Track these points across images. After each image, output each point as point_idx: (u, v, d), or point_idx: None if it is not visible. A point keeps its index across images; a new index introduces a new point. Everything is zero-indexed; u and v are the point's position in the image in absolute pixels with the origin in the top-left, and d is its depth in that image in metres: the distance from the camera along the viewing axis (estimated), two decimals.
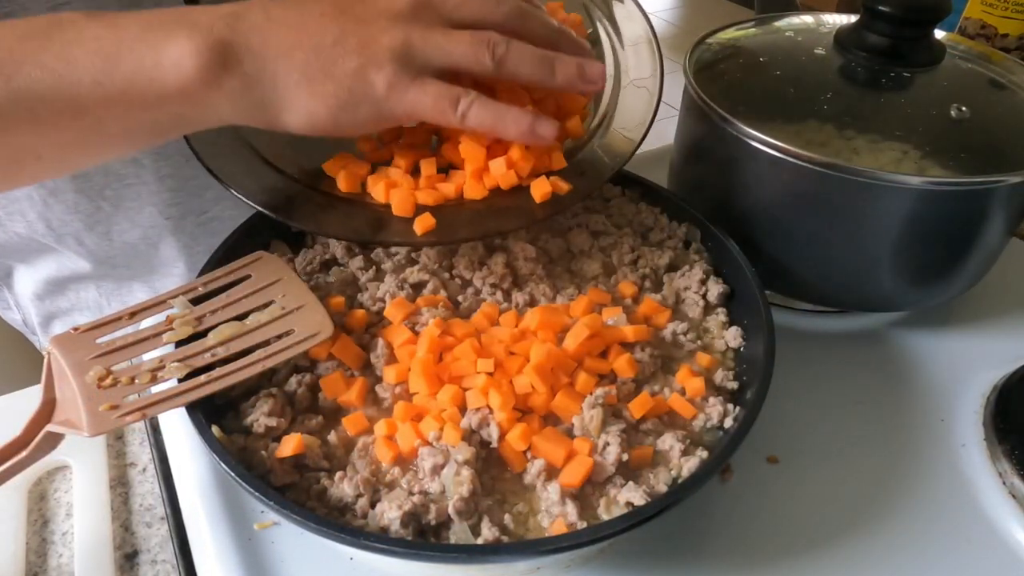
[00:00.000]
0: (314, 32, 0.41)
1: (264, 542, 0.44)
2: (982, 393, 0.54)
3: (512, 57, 0.43)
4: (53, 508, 0.49)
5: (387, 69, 0.41)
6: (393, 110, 0.42)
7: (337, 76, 0.41)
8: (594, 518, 0.39)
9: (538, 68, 0.45)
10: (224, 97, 0.40)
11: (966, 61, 0.61)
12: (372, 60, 0.41)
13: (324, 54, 0.41)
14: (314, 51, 0.41)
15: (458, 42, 0.43)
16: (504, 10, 0.44)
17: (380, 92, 0.41)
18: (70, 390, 0.40)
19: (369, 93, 0.42)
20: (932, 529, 0.46)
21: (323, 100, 0.41)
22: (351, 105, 0.42)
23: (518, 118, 0.45)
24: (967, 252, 0.54)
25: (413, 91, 0.42)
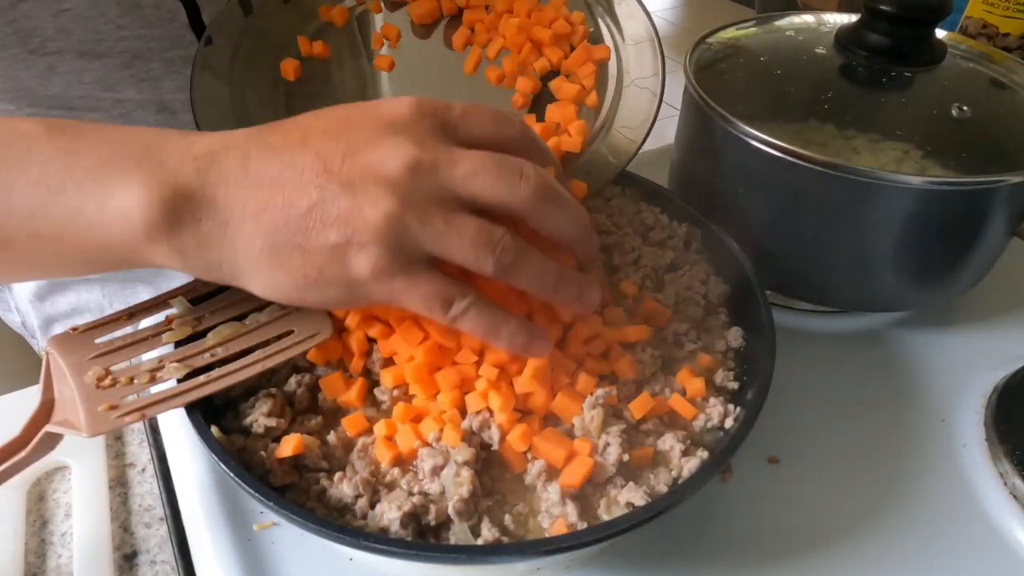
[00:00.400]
0: (290, 193, 0.35)
1: (263, 543, 0.44)
2: (983, 393, 0.54)
3: (517, 269, 0.37)
4: (52, 509, 0.49)
5: (371, 253, 0.35)
6: (370, 296, 0.36)
7: (308, 250, 0.35)
8: (594, 519, 0.39)
9: (539, 284, 0.39)
10: (173, 254, 0.36)
11: (967, 60, 0.61)
12: (354, 239, 0.35)
13: (296, 223, 0.35)
14: (284, 217, 0.35)
15: (460, 234, 0.35)
16: (524, 195, 0.37)
17: (358, 276, 0.35)
18: (69, 390, 0.40)
19: (344, 276, 0.35)
20: (932, 530, 0.46)
21: (288, 274, 0.36)
22: (320, 285, 0.36)
23: (513, 334, 0.39)
24: (968, 252, 0.54)
25: (399, 282, 0.36)
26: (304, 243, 0.35)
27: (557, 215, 0.38)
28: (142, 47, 0.63)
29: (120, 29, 0.61)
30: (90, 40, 0.60)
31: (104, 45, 0.61)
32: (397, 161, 0.35)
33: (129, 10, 0.61)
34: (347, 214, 0.34)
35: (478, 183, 0.36)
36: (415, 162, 0.35)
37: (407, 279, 0.36)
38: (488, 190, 0.36)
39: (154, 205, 0.34)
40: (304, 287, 0.36)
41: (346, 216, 0.34)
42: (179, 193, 0.35)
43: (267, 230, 0.35)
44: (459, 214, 0.36)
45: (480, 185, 0.36)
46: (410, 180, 0.35)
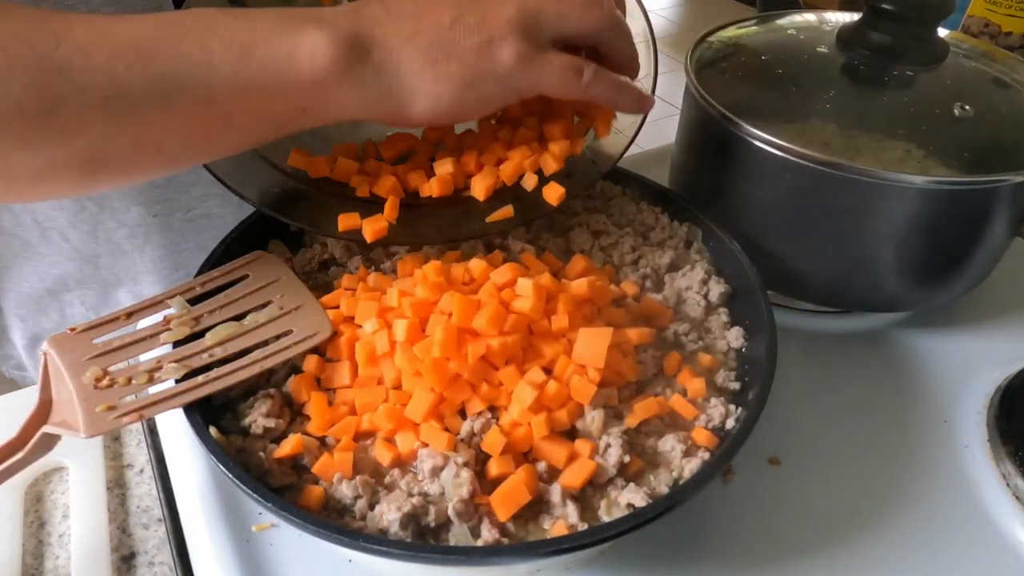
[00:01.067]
0: (432, 17, 0.42)
1: (262, 544, 0.44)
2: (985, 394, 0.54)
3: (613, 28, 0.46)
4: (50, 510, 0.49)
5: (511, 42, 0.42)
6: (518, 84, 0.43)
7: (461, 55, 0.42)
8: (595, 520, 0.39)
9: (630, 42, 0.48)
10: (354, 87, 0.41)
11: (969, 59, 0.61)
12: (495, 35, 0.42)
13: (445, 36, 0.42)
14: (435, 34, 0.42)
15: (570, 5, 0.44)
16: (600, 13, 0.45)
17: (506, 66, 0.42)
18: (67, 391, 0.40)
19: (495, 68, 0.42)
20: (935, 531, 0.46)
21: (448, 81, 0.42)
22: (477, 82, 0.42)
23: (631, 91, 0.48)
24: (970, 252, 0.54)
25: (538, 63, 0.43)
26: (455, 49, 0.42)
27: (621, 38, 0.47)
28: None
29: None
30: None
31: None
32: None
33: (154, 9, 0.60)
34: (483, 19, 0.42)
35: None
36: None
37: (544, 60, 0.43)
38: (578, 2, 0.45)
39: (335, 44, 0.40)
40: (464, 89, 0.42)
41: (483, 20, 0.42)
42: (349, 34, 0.41)
43: (424, 48, 0.41)
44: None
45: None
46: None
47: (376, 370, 0.44)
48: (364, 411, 0.43)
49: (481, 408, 0.42)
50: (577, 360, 0.43)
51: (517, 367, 0.43)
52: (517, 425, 0.41)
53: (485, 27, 0.42)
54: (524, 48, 0.42)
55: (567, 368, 0.43)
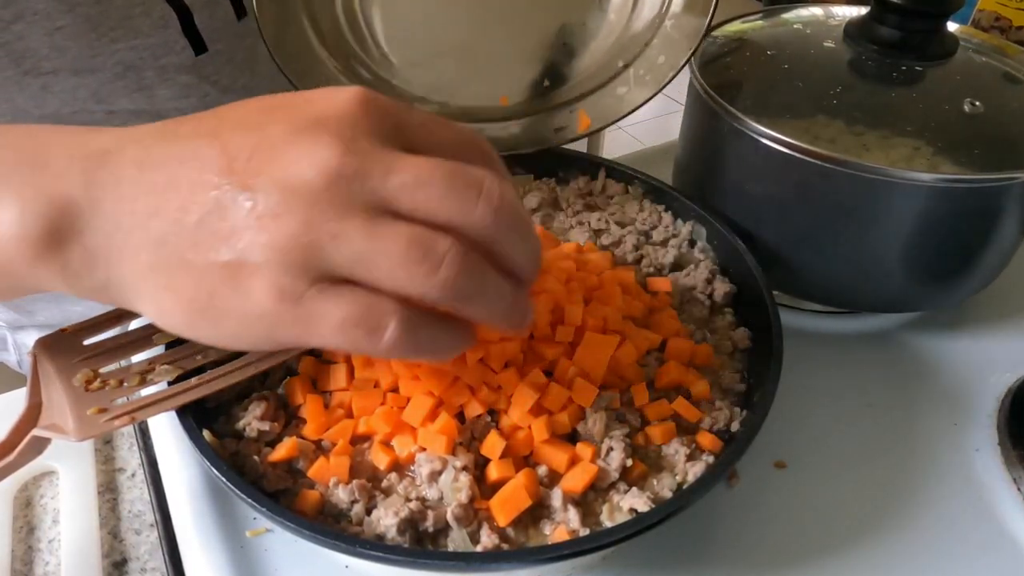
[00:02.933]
0: (187, 194, 0.29)
1: (257, 549, 0.44)
2: (996, 396, 0.54)
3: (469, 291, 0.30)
4: (39, 515, 0.49)
5: (265, 276, 0.29)
6: (274, 334, 0.30)
7: (198, 269, 0.29)
8: (597, 525, 0.39)
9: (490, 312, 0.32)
10: (57, 276, 0.31)
11: (980, 54, 0.61)
12: (247, 258, 0.29)
13: (187, 232, 0.29)
14: (177, 224, 0.29)
15: (388, 250, 0.29)
16: (482, 214, 0.30)
17: (254, 307, 0.29)
18: (57, 393, 0.40)
19: (238, 305, 0.29)
20: (944, 536, 0.46)
21: (175, 297, 0.30)
22: (211, 315, 0.30)
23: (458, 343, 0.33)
24: (981, 251, 0.54)
25: (306, 310, 0.29)
26: (194, 259, 0.29)
27: (518, 247, 0.31)
28: (134, 57, 0.63)
29: (113, 42, 0.61)
30: (85, 56, 0.60)
31: (98, 60, 0.61)
32: (313, 162, 0.29)
33: (121, 22, 0.61)
34: (242, 226, 0.29)
35: (420, 196, 0.29)
36: (335, 166, 0.29)
37: (316, 305, 0.29)
38: (432, 205, 0.29)
39: (29, 220, 0.30)
40: (193, 315, 0.30)
41: (241, 229, 0.29)
42: (58, 203, 0.30)
43: (155, 241, 0.30)
44: (385, 223, 0.29)
45: (423, 198, 0.29)
46: (324, 187, 0.28)
47: (372, 372, 0.44)
48: (361, 414, 0.43)
49: (480, 411, 0.42)
50: (578, 364, 0.43)
51: (517, 370, 0.43)
52: (517, 428, 0.41)
53: (239, 242, 0.29)
54: (286, 286, 0.29)
55: (568, 370, 0.43)
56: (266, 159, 0.29)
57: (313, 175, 0.28)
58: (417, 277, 0.29)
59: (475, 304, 0.31)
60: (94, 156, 0.31)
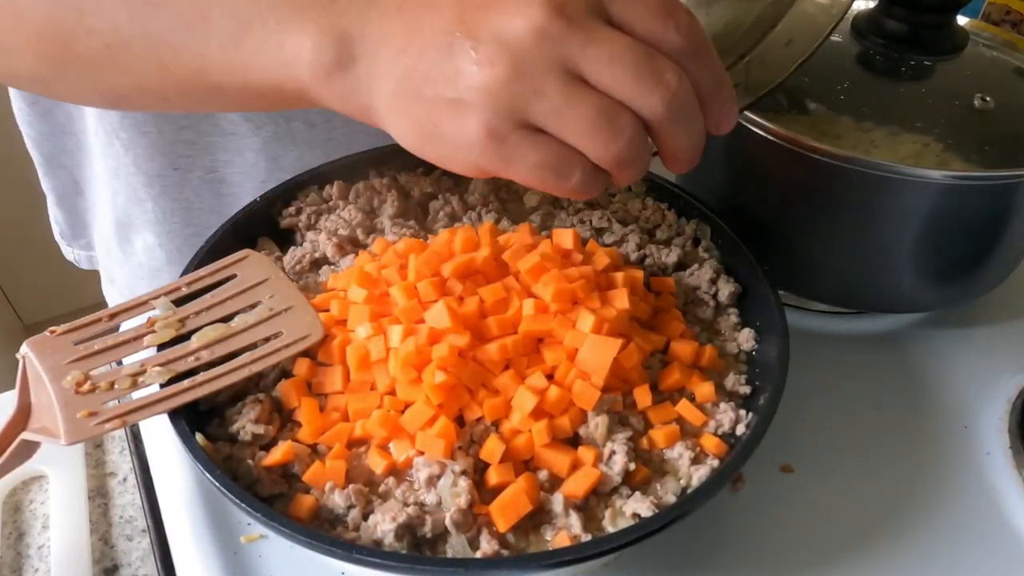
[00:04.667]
0: (428, 36, 0.35)
1: (251, 556, 0.44)
2: (1008, 398, 0.54)
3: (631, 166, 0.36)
4: (29, 520, 0.49)
5: (479, 114, 0.34)
6: (479, 162, 0.36)
7: (428, 101, 0.35)
8: (599, 530, 0.39)
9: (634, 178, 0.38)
10: (335, 93, 0.38)
11: (990, 49, 0.61)
12: (466, 97, 0.34)
13: (423, 68, 0.35)
14: (417, 61, 0.35)
15: (578, 114, 0.34)
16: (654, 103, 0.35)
17: (468, 138, 0.35)
18: (46, 396, 0.40)
19: (456, 135, 0.35)
20: (955, 541, 0.46)
21: (410, 124, 0.37)
22: (436, 140, 0.36)
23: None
24: (991, 249, 0.54)
25: (509, 149, 0.35)
26: (426, 92, 0.35)
27: (680, 137, 0.37)
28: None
29: None
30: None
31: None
32: (526, 21, 0.33)
33: None
34: (464, 70, 0.34)
35: (608, 72, 0.34)
36: (543, 26, 0.33)
37: (517, 147, 0.35)
38: (617, 83, 0.34)
39: (322, 47, 0.37)
40: (423, 139, 0.37)
41: (463, 72, 0.34)
42: (342, 35, 0.37)
43: (400, 73, 0.36)
44: (580, 88, 0.34)
45: (611, 74, 0.34)
46: (533, 45, 0.33)
47: (369, 375, 0.44)
48: (357, 417, 0.43)
49: (480, 415, 0.42)
50: (580, 367, 0.43)
51: (517, 372, 0.43)
52: (517, 432, 0.41)
53: (461, 83, 0.34)
54: (491, 128, 0.34)
55: (569, 373, 0.43)
56: (492, 12, 0.34)
57: (525, 32, 0.33)
58: (598, 142, 0.35)
59: (630, 171, 0.37)
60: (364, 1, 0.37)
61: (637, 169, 0.37)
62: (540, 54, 0.34)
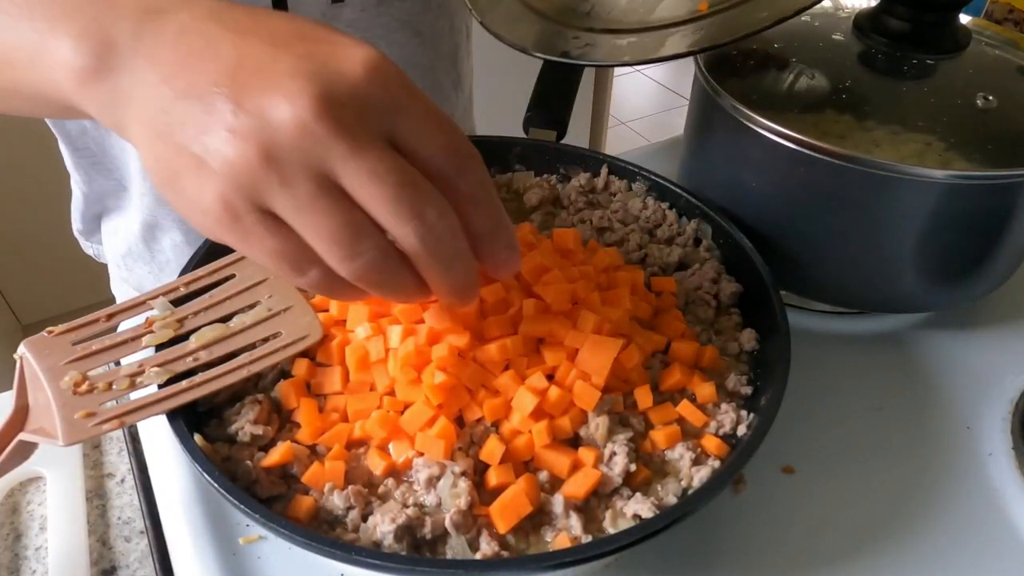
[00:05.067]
0: (197, 75, 0.33)
1: (250, 557, 0.44)
2: (1010, 399, 0.54)
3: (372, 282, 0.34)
4: (26, 522, 0.49)
5: (217, 184, 0.32)
6: (215, 232, 0.34)
7: (175, 146, 0.33)
8: (599, 531, 0.39)
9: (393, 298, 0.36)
10: (91, 104, 0.36)
11: (993, 47, 0.61)
12: (209, 161, 0.32)
13: (180, 110, 0.33)
14: (176, 99, 0.33)
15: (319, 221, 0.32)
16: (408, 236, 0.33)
17: (204, 203, 0.33)
18: (44, 397, 0.40)
19: (193, 195, 0.33)
20: (957, 543, 0.46)
21: (155, 161, 0.34)
22: (175, 190, 0.34)
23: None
24: (994, 249, 0.54)
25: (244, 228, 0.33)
26: (175, 137, 0.33)
27: (437, 275, 0.35)
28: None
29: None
30: None
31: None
32: (291, 111, 0.31)
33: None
34: (216, 132, 0.32)
35: (366, 190, 0.32)
36: (307, 123, 0.31)
37: (253, 229, 0.33)
38: (374, 204, 0.32)
39: (79, 53, 0.35)
40: (163, 182, 0.34)
41: (215, 134, 0.32)
42: (106, 42, 0.35)
43: (157, 105, 0.33)
44: (329, 196, 0.32)
45: (368, 193, 0.32)
46: (292, 137, 0.31)
47: (368, 375, 0.44)
48: (356, 418, 0.43)
49: (480, 415, 0.42)
50: (581, 367, 0.43)
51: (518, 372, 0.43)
52: (517, 433, 0.41)
53: (210, 143, 0.32)
54: (232, 202, 0.32)
55: (570, 373, 0.43)
56: (264, 85, 0.32)
57: (288, 121, 0.31)
58: (333, 256, 0.33)
59: (381, 291, 0.35)
60: (151, 11, 0.35)
61: (391, 289, 0.35)
62: (297, 148, 0.31)
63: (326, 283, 0.34)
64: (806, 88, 0.57)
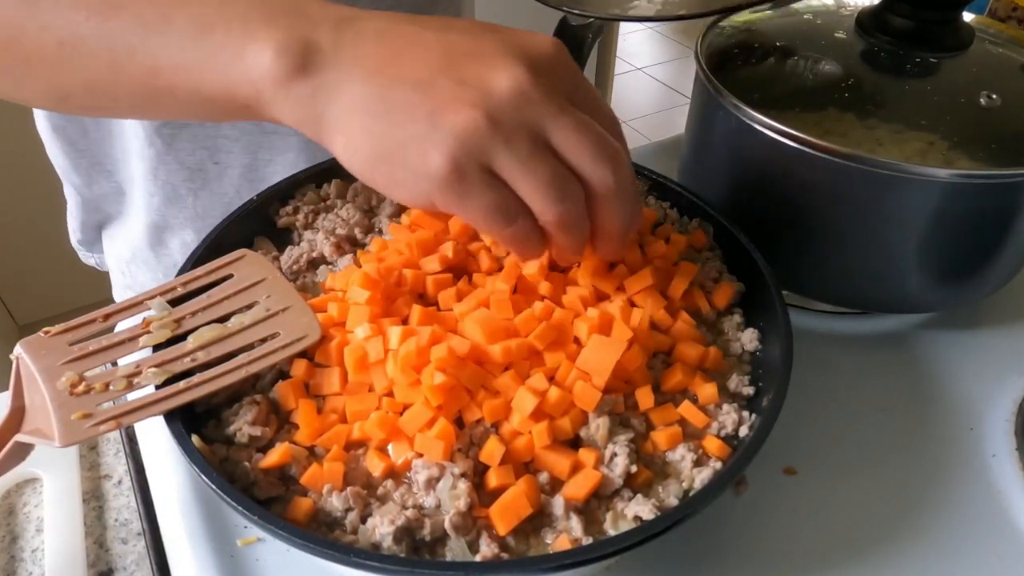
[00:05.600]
0: (408, 65, 0.38)
1: (248, 559, 0.44)
2: (1014, 400, 0.54)
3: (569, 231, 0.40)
4: (22, 523, 0.49)
5: (445, 149, 0.36)
6: (432, 195, 0.38)
7: (396, 124, 0.37)
8: (600, 533, 0.39)
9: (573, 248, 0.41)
10: (288, 101, 0.39)
11: (997, 45, 0.61)
12: (437, 131, 0.37)
13: (398, 93, 0.37)
14: (392, 85, 0.37)
15: (536, 172, 0.38)
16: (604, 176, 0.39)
17: (428, 170, 0.37)
18: (40, 397, 0.40)
19: (415, 165, 0.37)
20: (960, 545, 0.46)
21: (368, 142, 0.38)
22: (393, 163, 0.38)
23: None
24: (998, 249, 0.54)
25: (464, 187, 0.37)
26: (396, 116, 0.37)
27: (618, 213, 0.41)
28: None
29: None
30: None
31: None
32: (511, 79, 0.37)
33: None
34: (442, 106, 0.37)
35: (572, 140, 0.38)
36: (526, 89, 0.37)
37: (474, 186, 0.37)
38: (579, 152, 0.38)
39: (282, 52, 0.38)
40: (378, 158, 0.38)
41: (441, 107, 0.37)
42: (310, 45, 0.38)
43: (371, 92, 0.38)
44: (543, 151, 0.38)
45: (574, 143, 0.38)
46: (513, 100, 0.37)
47: (367, 376, 0.44)
48: (355, 419, 0.43)
49: (479, 416, 0.42)
50: (582, 367, 0.43)
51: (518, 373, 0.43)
52: (517, 434, 0.41)
53: (436, 117, 0.37)
54: (461, 162, 0.36)
55: (570, 373, 0.43)
56: (480, 63, 0.38)
57: (508, 88, 0.37)
58: (548, 200, 0.38)
59: (568, 238, 0.40)
60: (345, 18, 0.40)
61: (573, 237, 0.40)
62: (517, 110, 0.37)
63: (525, 233, 0.39)
64: (808, 86, 0.57)
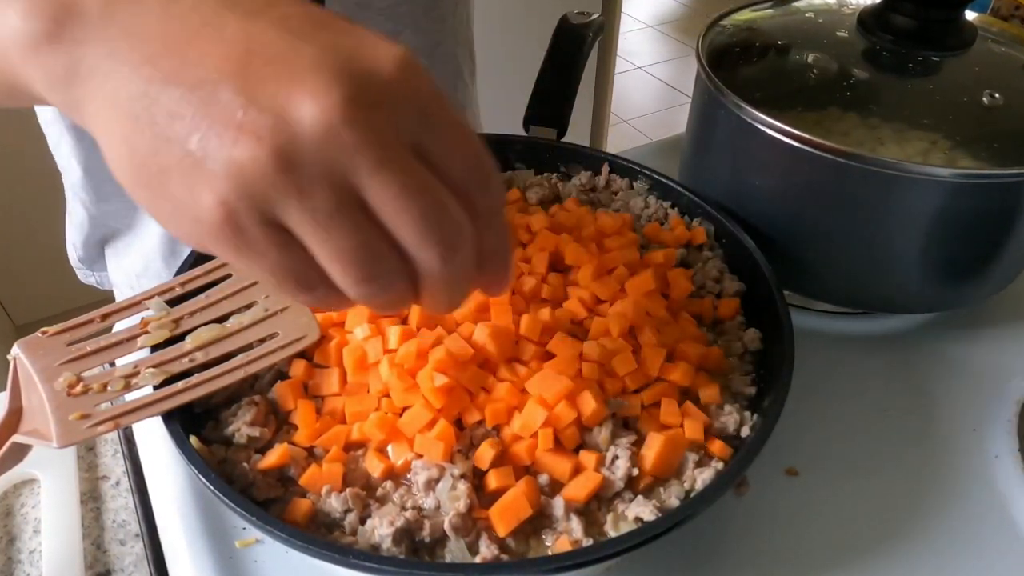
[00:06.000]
0: (191, 58, 0.28)
1: (246, 561, 0.44)
2: (1017, 400, 0.54)
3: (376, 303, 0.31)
4: (20, 524, 0.49)
5: (220, 190, 0.27)
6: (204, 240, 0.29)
7: (162, 139, 0.28)
8: (601, 535, 0.39)
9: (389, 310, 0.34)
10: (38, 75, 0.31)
11: (999, 44, 0.61)
12: (211, 161, 0.27)
13: (169, 97, 0.28)
14: (164, 83, 0.28)
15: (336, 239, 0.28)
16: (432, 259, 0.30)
17: (197, 209, 0.28)
18: (38, 398, 0.40)
19: (183, 198, 0.28)
20: (963, 545, 0.46)
21: (128, 154, 0.29)
22: (155, 190, 0.29)
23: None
24: (1001, 249, 0.54)
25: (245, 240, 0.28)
26: (161, 128, 0.28)
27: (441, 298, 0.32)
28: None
29: None
30: None
31: None
32: (318, 112, 0.27)
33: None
34: (220, 130, 0.27)
35: (394, 206, 0.28)
36: (336, 126, 0.27)
37: (256, 243, 0.28)
38: (400, 223, 0.29)
39: (33, 16, 0.30)
40: (137, 178, 0.29)
41: (218, 130, 0.27)
42: (70, 7, 0.30)
43: (136, 87, 0.28)
44: (350, 213, 0.28)
45: (396, 210, 0.28)
46: (317, 140, 0.27)
47: (366, 377, 0.44)
48: (354, 420, 0.43)
49: (479, 418, 0.42)
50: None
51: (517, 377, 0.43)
52: (518, 437, 0.41)
53: (211, 137, 0.27)
54: (235, 212, 0.27)
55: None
56: (283, 76, 0.27)
57: (313, 119, 0.27)
58: (349, 278, 0.29)
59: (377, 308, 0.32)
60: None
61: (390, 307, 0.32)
62: (320, 153, 0.27)
63: (328, 300, 0.31)
64: (810, 85, 0.57)
